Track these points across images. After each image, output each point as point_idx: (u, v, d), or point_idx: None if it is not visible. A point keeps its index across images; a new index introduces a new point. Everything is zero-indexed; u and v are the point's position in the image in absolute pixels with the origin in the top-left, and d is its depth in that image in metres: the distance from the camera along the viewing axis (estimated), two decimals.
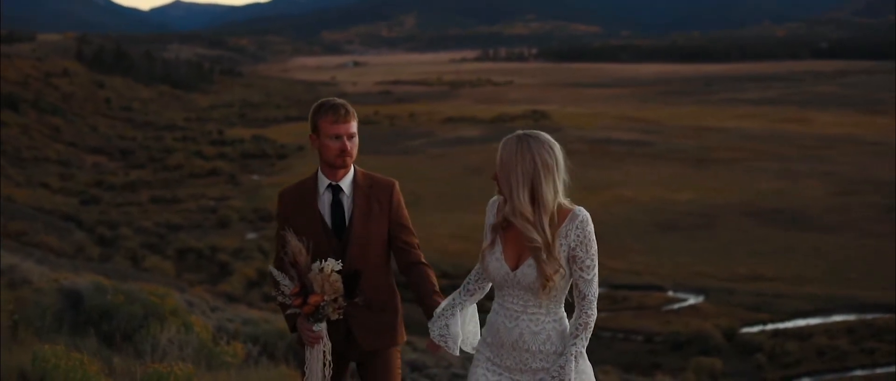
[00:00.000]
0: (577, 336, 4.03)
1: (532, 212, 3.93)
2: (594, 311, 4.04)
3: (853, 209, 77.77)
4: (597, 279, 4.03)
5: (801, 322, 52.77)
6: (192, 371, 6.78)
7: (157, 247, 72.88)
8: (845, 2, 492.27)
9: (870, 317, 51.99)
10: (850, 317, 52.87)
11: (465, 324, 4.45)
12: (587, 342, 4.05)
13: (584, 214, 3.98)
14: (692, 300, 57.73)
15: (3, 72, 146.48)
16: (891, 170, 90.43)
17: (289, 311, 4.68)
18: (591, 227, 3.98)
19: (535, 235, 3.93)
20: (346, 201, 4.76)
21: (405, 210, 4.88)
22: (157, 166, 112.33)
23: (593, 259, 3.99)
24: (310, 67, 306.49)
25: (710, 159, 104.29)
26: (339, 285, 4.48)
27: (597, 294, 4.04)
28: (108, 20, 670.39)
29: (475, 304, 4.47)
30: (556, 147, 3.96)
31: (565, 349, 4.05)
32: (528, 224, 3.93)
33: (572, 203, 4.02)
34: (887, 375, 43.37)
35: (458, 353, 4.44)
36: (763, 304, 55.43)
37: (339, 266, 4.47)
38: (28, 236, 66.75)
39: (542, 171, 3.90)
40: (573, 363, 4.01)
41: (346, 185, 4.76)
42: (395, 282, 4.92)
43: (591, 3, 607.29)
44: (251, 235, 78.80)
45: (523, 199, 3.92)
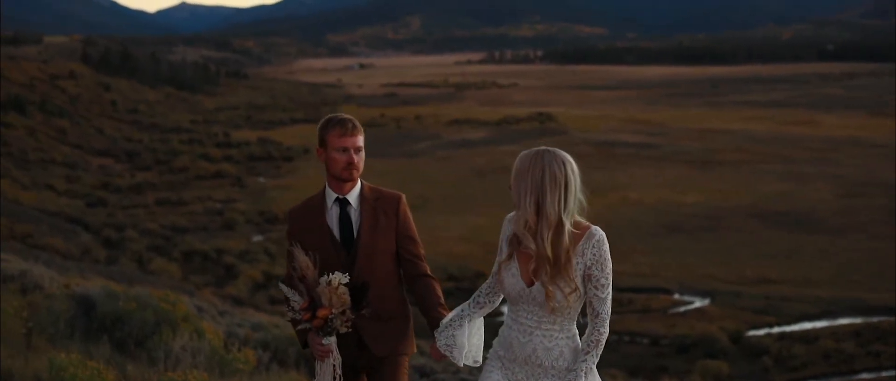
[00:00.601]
0: (588, 352, 4.11)
1: (535, 221, 4.00)
2: (606, 329, 4.11)
3: (860, 212, 77.65)
4: (610, 298, 4.11)
5: (807, 325, 52.69)
6: (207, 379, 6.82)
7: (163, 249, 72.93)
8: (851, 4, 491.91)
9: (876, 320, 51.92)
10: (857, 320, 52.82)
11: (471, 336, 4.49)
12: (598, 359, 4.12)
13: (600, 233, 4.05)
14: (698, 303, 57.67)
15: (9, 74, 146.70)
16: None
17: (299, 326, 4.72)
18: (606, 246, 4.06)
19: (532, 244, 4.01)
20: (354, 215, 4.82)
21: (412, 223, 4.94)
22: (163, 169, 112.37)
23: (608, 278, 4.07)
24: (315, 69, 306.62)
25: (715, 162, 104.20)
26: (347, 298, 4.52)
27: (610, 312, 4.11)
28: (113, 22, 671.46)
29: (482, 318, 4.52)
30: (570, 164, 4.03)
31: (576, 365, 4.11)
32: (528, 233, 4.02)
33: (589, 223, 4.08)
34: (893, 378, 43.32)
35: (462, 364, 4.47)
36: (769, 307, 55.35)
37: (345, 279, 4.52)
38: (34, 239, 66.86)
39: (549, 183, 3.97)
40: (583, 379, 4.08)
41: (353, 198, 4.83)
42: (404, 293, 4.98)
43: (597, 5, 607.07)
44: (257, 237, 78.85)
45: (529, 208, 3.99)
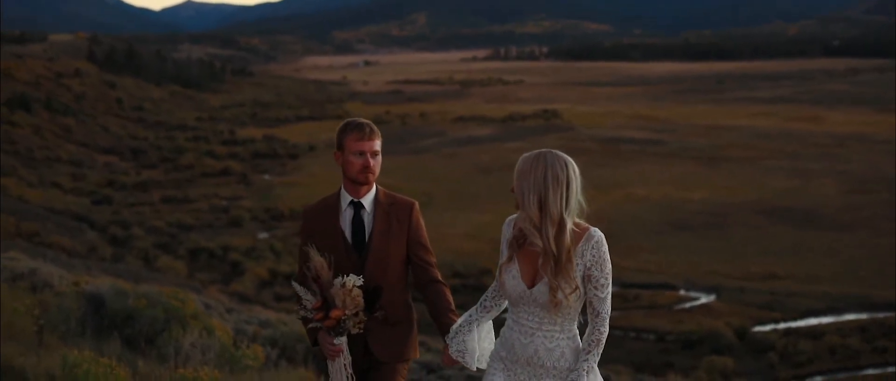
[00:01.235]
0: (589, 352, 4.17)
1: (539, 219, 4.07)
2: (606, 328, 4.18)
3: (865, 208, 77.61)
4: (610, 298, 4.18)
5: (813, 321, 52.74)
6: (218, 376, 6.88)
7: (168, 247, 73.03)
8: (856, 0, 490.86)
9: (882, 316, 51.93)
10: (863, 316, 52.83)
11: (481, 340, 4.55)
12: (599, 358, 4.19)
13: (599, 234, 4.13)
14: (704, 299, 57.69)
15: (15, 72, 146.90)
16: None
17: (311, 325, 4.79)
18: (605, 247, 4.13)
19: (538, 240, 4.09)
20: (367, 218, 4.88)
21: (424, 230, 4.99)
22: (169, 166, 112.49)
23: (608, 278, 4.14)
24: (321, 66, 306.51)
25: (721, 158, 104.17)
26: (361, 301, 4.57)
27: (609, 312, 4.18)
28: (119, 21, 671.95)
29: (491, 321, 4.57)
30: (571, 165, 4.11)
31: (578, 365, 4.18)
32: (534, 229, 4.09)
33: (588, 224, 4.15)
34: None
35: (474, 368, 4.53)
36: (775, 303, 55.37)
37: (360, 282, 4.58)
38: (40, 237, 66.98)
39: (551, 182, 4.05)
40: (585, 378, 4.15)
41: (367, 202, 4.89)
42: (411, 299, 5.04)
43: (603, 1, 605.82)
44: (263, 234, 78.96)
45: (532, 206, 4.06)
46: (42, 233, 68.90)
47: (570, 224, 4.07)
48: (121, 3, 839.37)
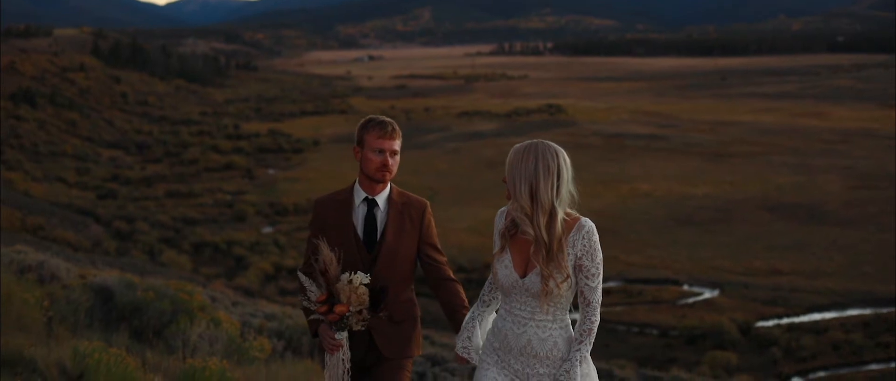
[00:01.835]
0: (581, 341, 4.21)
1: (530, 208, 4.12)
2: (598, 316, 4.22)
3: (870, 203, 77.54)
4: (601, 287, 4.22)
5: (816, 316, 52.74)
6: (227, 366, 6.95)
7: (173, 241, 73.24)
8: None
9: (885, 311, 51.90)
10: (866, 311, 52.83)
11: (486, 335, 4.58)
12: (591, 347, 4.23)
13: (590, 224, 4.17)
14: (708, 294, 57.70)
15: (20, 67, 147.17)
16: None
17: (312, 316, 4.81)
18: (596, 237, 4.17)
19: (529, 229, 4.13)
20: (380, 216, 4.90)
21: (435, 229, 5.03)
22: (174, 161, 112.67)
23: (598, 268, 4.18)
24: (325, 61, 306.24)
25: (726, 153, 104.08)
26: (366, 298, 4.61)
27: (600, 300, 4.23)
28: (123, 15, 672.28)
29: (493, 314, 4.61)
30: (562, 155, 4.16)
31: (570, 354, 4.22)
32: (526, 218, 4.13)
33: (579, 214, 4.21)
34: None
35: None
36: (779, 298, 55.38)
37: (367, 280, 4.62)
38: (45, 231, 67.15)
39: (542, 171, 4.09)
40: (578, 368, 4.18)
41: (381, 200, 4.91)
42: (415, 296, 5.07)
43: None
44: (267, 229, 79.11)
45: (524, 195, 4.11)
46: (47, 227, 69.14)
47: (561, 213, 4.12)
48: None
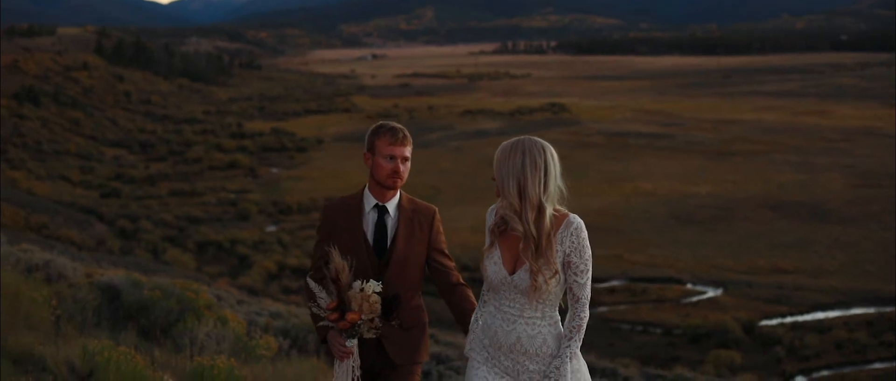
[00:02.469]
0: (571, 338, 4.24)
1: (519, 204, 4.16)
2: (587, 313, 4.26)
3: (873, 202, 77.45)
4: (590, 283, 4.25)
5: (820, 315, 52.68)
6: (234, 364, 7.00)
7: (177, 240, 73.27)
8: None
9: (889, 310, 51.82)
10: (870, 310, 52.77)
11: None
12: (581, 343, 4.26)
13: (578, 221, 4.20)
14: (711, 293, 57.64)
15: (24, 65, 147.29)
16: None
17: (321, 322, 4.81)
18: (584, 233, 4.20)
19: (518, 225, 4.17)
20: (390, 223, 4.90)
21: (443, 236, 5.07)
22: (177, 159, 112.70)
23: (587, 264, 4.21)
24: (328, 60, 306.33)
25: (729, 152, 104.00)
26: (378, 307, 4.60)
27: (589, 297, 4.26)
28: (127, 14, 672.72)
29: None
30: (549, 151, 4.20)
31: (560, 351, 4.25)
32: (514, 215, 4.18)
33: (568, 211, 4.25)
34: None
35: None
36: (782, 297, 55.32)
37: (379, 288, 4.61)
38: (49, 230, 67.26)
39: (529, 167, 4.14)
40: (568, 364, 4.22)
41: (391, 207, 4.91)
42: (423, 302, 5.09)
43: None
44: (271, 228, 79.13)
45: (512, 192, 4.16)
46: (51, 226, 69.26)
47: (549, 209, 4.15)
48: None
